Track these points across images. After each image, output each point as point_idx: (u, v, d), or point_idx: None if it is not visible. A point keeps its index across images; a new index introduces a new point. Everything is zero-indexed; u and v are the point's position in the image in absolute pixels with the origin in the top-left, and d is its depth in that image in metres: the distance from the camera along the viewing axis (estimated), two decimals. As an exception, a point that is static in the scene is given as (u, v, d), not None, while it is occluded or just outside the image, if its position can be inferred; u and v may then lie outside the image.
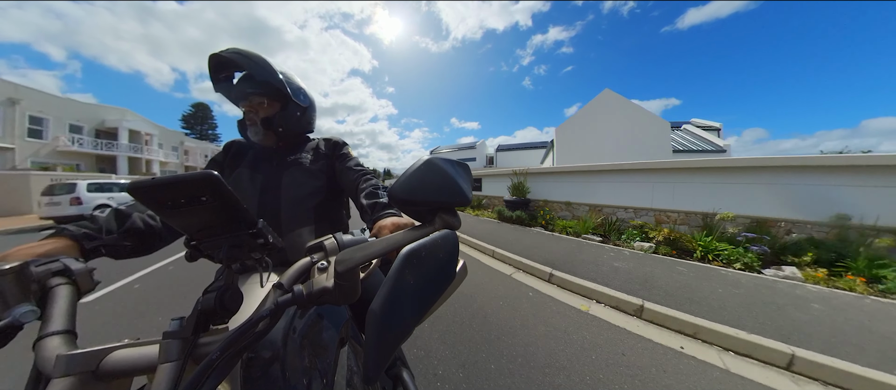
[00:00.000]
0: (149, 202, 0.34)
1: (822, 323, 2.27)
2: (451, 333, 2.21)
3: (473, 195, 8.66)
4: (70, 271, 0.44)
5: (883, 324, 2.25)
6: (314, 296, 0.39)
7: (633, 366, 1.87)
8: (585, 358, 1.94)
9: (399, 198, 0.41)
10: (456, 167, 0.44)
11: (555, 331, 2.28)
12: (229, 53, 0.82)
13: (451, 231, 0.40)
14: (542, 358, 1.93)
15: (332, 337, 0.56)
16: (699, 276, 3.28)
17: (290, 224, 0.88)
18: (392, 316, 0.31)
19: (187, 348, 0.34)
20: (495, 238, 5.29)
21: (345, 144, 1.05)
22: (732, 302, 2.60)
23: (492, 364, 1.86)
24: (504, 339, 2.14)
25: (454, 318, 2.45)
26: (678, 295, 2.73)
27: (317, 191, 0.94)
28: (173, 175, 0.33)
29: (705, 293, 2.81)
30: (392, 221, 0.58)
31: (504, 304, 2.77)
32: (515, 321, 2.43)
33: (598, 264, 3.68)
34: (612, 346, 2.10)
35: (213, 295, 0.37)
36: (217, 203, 0.36)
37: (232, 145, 1.01)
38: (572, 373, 1.79)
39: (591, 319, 2.52)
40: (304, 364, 0.48)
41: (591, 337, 2.21)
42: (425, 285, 0.35)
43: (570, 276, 3.25)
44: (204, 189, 0.34)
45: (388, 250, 0.41)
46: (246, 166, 0.94)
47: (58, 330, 0.37)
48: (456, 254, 0.39)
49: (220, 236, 0.40)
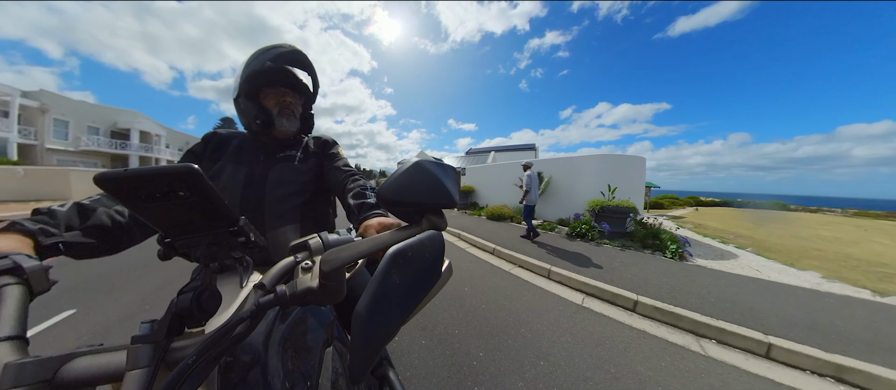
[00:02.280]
0: (119, 195, 0.32)
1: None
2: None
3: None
4: (20, 270, 0.41)
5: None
6: (298, 297, 0.38)
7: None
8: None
9: (387, 199, 0.41)
10: (444, 169, 0.44)
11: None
12: (301, 54, 0.93)
13: (438, 231, 0.40)
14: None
15: (316, 338, 0.55)
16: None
17: (274, 222, 0.86)
18: (378, 315, 0.31)
19: (159, 353, 0.32)
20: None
21: (335, 143, 1.05)
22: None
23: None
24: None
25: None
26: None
27: (304, 190, 0.93)
28: (148, 167, 0.31)
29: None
30: (379, 221, 0.57)
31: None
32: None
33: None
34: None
35: (188, 296, 0.35)
36: (195, 198, 0.34)
37: (212, 136, 0.96)
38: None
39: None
40: (287, 367, 0.47)
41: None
42: (411, 285, 0.35)
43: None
44: (181, 183, 0.32)
45: (374, 250, 0.40)
46: (229, 160, 0.91)
47: (5, 337, 0.34)
48: (442, 254, 0.40)
49: (197, 233, 0.38)
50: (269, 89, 0.92)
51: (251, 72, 0.86)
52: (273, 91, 0.92)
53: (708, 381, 1.94)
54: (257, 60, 0.86)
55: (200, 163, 0.91)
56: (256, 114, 0.89)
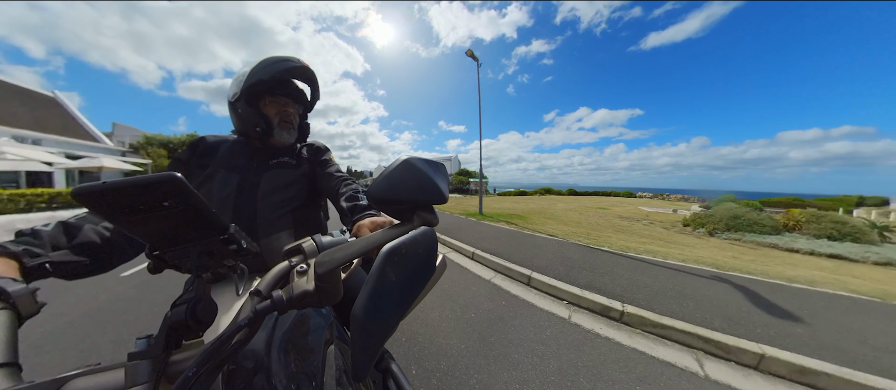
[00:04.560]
0: (100, 210, 0.30)
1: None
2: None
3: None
4: (6, 294, 0.39)
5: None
6: (295, 301, 0.38)
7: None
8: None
9: (378, 198, 0.40)
10: (433, 166, 0.44)
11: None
12: (310, 71, 0.94)
13: (430, 228, 0.40)
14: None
15: (317, 338, 0.55)
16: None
17: (268, 228, 0.85)
18: (376, 313, 0.31)
19: (158, 367, 0.32)
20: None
21: (327, 149, 1.06)
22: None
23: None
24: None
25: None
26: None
27: (297, 195, 0.93)
28: (128, 178, 0.30)
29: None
30: (371, 221, 0.57)
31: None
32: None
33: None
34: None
35: (183, 308, 0.34)
36: (181, 207, 0.33)
37: (200, 142, 0.94)
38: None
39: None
40: (291, 369, 0.47)
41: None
42: (407, 281, 0.35)
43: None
44: (165, 193, 0.31)
45: (367, 249, 0.40)
46: (220, 166, 0.89)
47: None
48: (435, 249, 0.40)
49: (187, 244, 0.38)
50: (270, 98, 0.92)
51: (257, 80, 0.85)
52: (275, 100, 0.93)
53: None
54: (266, 70, 0.85)
55: (187, 169, 0.89)
56: (257, 122, 0.89)
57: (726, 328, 2.23)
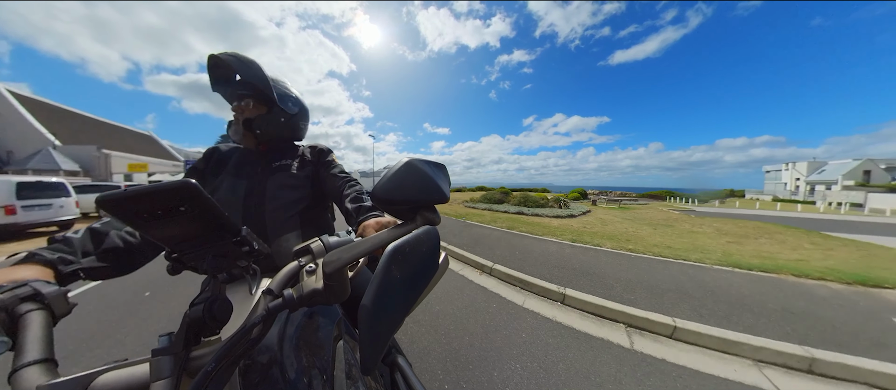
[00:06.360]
0: (122, 216, 0.33)
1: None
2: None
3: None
4: (41, 296, 0.42)
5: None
6: (305, 299, 0.40)
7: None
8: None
9: (381, 199, 0.42)
10: (434, 167, 0.45)
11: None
12: (225, 56, 0.85)
13: (432, 226, 0.41)
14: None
15: (327, 334, 0.57)
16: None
17: (277, 230, 0.88)
18: (382, 309, 0.32)
19: (180, 363, 0.34)
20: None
21: (330, 152, 1.06)
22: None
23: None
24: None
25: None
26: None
27: (302, 197, 0.94)
28: (147, 185, 0.32)
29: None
30: (376, 221, 0.58)
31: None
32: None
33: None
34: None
35: (200, 307, 0.36)
36: (197, 212, 0.35)
37: (213, 152, 0.99)
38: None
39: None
40: (303, 363, 0.49)
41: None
42: (411, 278, 0.37)
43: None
44: (182, 198, 0.33)
45: (373, 248, 0.41)
46: (229, 173, 0.93)
47: (35, 360, 0.35)
48: (437, 247, 0.41)
49: (202, 246, 0.40)
50: (234, 102, 0.95)
51: (213, 89, 0.94)
52: (236, 104, 0.94)
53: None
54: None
55: (202, 177, 0.94)
56: (227, 129, 0.96)
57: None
